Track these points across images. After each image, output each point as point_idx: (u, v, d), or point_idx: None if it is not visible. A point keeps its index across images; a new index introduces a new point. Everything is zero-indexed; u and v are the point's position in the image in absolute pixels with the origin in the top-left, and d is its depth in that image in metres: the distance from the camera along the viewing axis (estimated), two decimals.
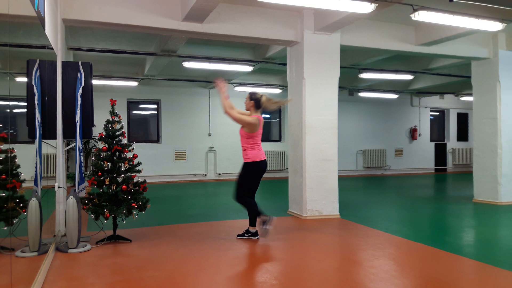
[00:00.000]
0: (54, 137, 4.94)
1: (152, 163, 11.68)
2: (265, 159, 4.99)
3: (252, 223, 5.10)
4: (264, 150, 5.11)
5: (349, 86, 13.18)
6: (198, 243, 4.95)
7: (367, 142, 14.87)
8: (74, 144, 5.07)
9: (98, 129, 5.95)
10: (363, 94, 13.78)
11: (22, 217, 3.62)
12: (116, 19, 5.63)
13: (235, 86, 12.28)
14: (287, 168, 9.66)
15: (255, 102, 4.98)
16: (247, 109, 5.07)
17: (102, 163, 4.87)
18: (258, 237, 5.10)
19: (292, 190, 6.90)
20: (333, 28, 6.39)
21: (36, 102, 4.04)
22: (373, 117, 14.94)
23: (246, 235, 5.14)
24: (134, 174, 4.99)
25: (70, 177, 7.99)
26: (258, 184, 5.07)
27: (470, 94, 12.75)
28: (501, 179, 7.88)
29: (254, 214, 5.02)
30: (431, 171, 15.84)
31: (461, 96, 15.05)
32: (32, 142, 4.07)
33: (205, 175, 12.87)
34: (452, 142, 16.23)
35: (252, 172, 4.94)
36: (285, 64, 7.23)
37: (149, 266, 4.03)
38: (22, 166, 3.34)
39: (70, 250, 4.49)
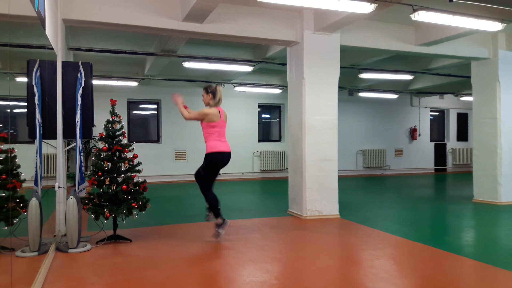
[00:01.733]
0: (54, 137, 4.95)
1: (152, 163, 11.68)
2: (227, 151, 4.97)
3: (217, 215, 5.03)
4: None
5: (349, 86, 13.19)
6: (198, 243, 4.96)
7: (367, 142, 14.87)
8: (74, 144, 5.08)
9: (98, 129, 5.95)
10: (363, 94, 13.79)
11: (22, 217, 3.62)
12: (116, 19, 5.63)
13: (235, 86, 12.28)
14: (287, 168, 9.66)
15: (213, 94, 5.00)
16: (206, 104, 5.07)
17: (102, 163, 4.87)
18: (227, 223, 5.08)
19: (292, 190, 6.91)
20: (333, 28, 6.39)
21: (36, 102, 4.04)
22: (373, 117, 14.95)
23: (219, 230, 5.03)
24: (134, 174, 5.00)
25: (70, 177, 8.00)
26: (215, 176, 5.11)
27: (470, 94, 12.77)
28: (500, 179, 7.88)
29: (215, 207, 5.03)
30: (431, 171, 15.84)
31: (461, 96, 15.06)
32: (32, 142, 4.07)
33: None
34: (452, 142, 16.24)
35: (211, 164, 4.96)
36: (285, 64, 7.23)
37: (149, 266, 4.03)
38: (22, 166, 3.33)
39: (70, 250, 4.49)
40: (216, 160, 4.95)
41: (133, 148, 5.07)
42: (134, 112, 12.64)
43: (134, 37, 8.27)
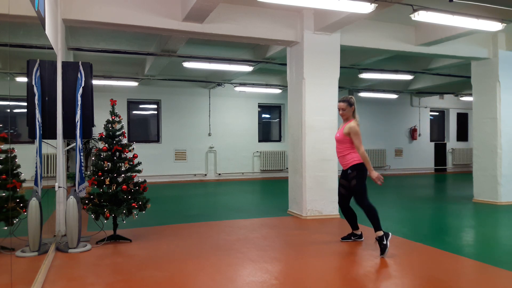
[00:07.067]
0: (54, 137, 4.95)
1: (152, 163, 11.67)
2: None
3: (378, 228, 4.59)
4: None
5: (349, 86, 13.19)
6: (198, 243, 4.96)
7: (367, 142, 14.75)
8: (74, 144, 5.08)
9: (98, 129, 5.95)
10: (363, 94, 13.78)
11: (22, 217, 3.61)
12: (116, 19, 5.63)
13: (235, 86, 12.28)
14: (287, 168, 9.66)
15: (355, 106, 4.72)
16: (346, 118, 4.71)
17: (102, 163, 4.87)
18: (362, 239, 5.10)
19: (292, 190, 6.91)
20: (333, 28, 6.39)
21: (36, 102, 4.03)
22: (373, 117, 14.93)
23: (352, 238, 5.11)
24: (134, 174, 5.00)
25: (70, 177, 7.99)
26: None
27: (470, 94, 12.76)
28: (500, 179, 7.88)
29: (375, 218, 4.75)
30: (431, 171, 15.84)
31: (461, 96, 15.05)
32: (32, 142, 4.07)
33: (205, 175, 12.88)
34: (452, 142, 16.23)
35: (364, 172, 4.84)
36: (285, 64, 7.23)
37: (149, 266, 4.03)
38: (22, 166, 3.33)
39: (70, 250, 4.49)
40: (365, 171, 4.83)
41: (133, 148, 5.07)
42: (134, 112, 12.64)
43: (134, 37, 8.27)
